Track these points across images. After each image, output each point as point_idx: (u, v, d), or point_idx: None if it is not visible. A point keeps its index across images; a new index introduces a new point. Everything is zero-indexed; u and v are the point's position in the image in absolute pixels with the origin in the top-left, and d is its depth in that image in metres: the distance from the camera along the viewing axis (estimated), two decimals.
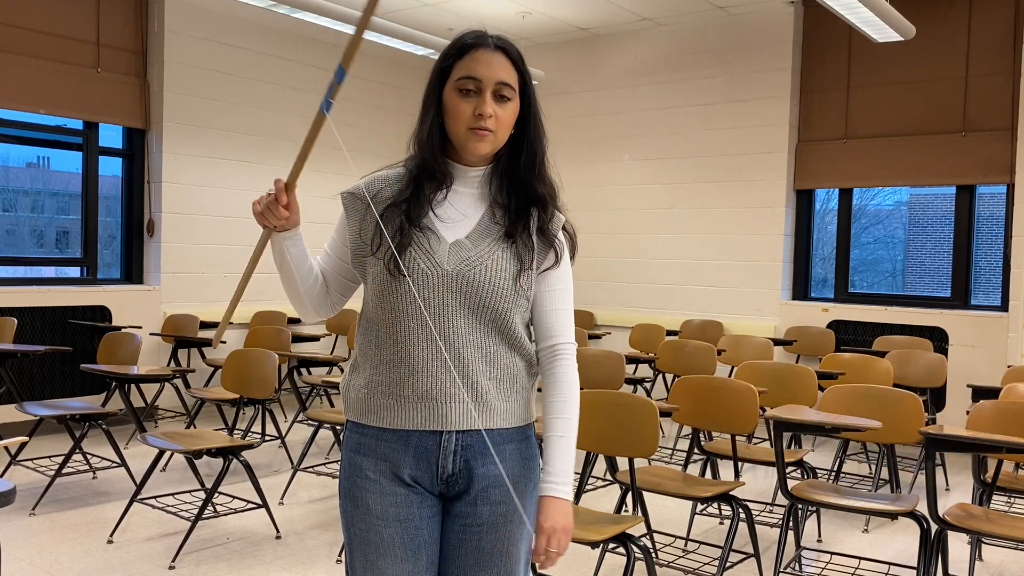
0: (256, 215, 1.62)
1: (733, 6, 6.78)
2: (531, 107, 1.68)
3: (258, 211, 1.61)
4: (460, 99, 1.61)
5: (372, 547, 1.64)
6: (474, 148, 1.63)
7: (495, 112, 1.61)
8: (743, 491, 4.75)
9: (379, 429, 1.65)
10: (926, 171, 6.35)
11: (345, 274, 1.76)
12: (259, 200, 1.61)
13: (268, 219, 1.61)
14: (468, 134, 1.62)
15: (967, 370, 5.96)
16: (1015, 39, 5.96)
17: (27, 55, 5.70)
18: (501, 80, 1.61)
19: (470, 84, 1.60)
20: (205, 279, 6.62)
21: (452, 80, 1.62)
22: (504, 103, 1.63)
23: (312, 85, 7.22)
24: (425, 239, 1.63)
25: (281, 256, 1.69)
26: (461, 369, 1.61)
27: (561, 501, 1.62)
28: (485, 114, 1.60)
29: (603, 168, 7.70)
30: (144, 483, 3.92)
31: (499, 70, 1.61)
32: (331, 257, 1.75)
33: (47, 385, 5.87)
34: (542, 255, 1.67)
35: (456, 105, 1.61)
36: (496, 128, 1.62)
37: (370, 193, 1.69)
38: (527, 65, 1.68)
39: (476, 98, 1.61)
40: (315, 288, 1.74)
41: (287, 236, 1.66)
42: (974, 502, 3.58)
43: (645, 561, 2.77)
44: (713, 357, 5.34)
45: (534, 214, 1.68)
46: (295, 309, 1.79)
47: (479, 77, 1.60)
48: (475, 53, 1.62)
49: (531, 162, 1.69)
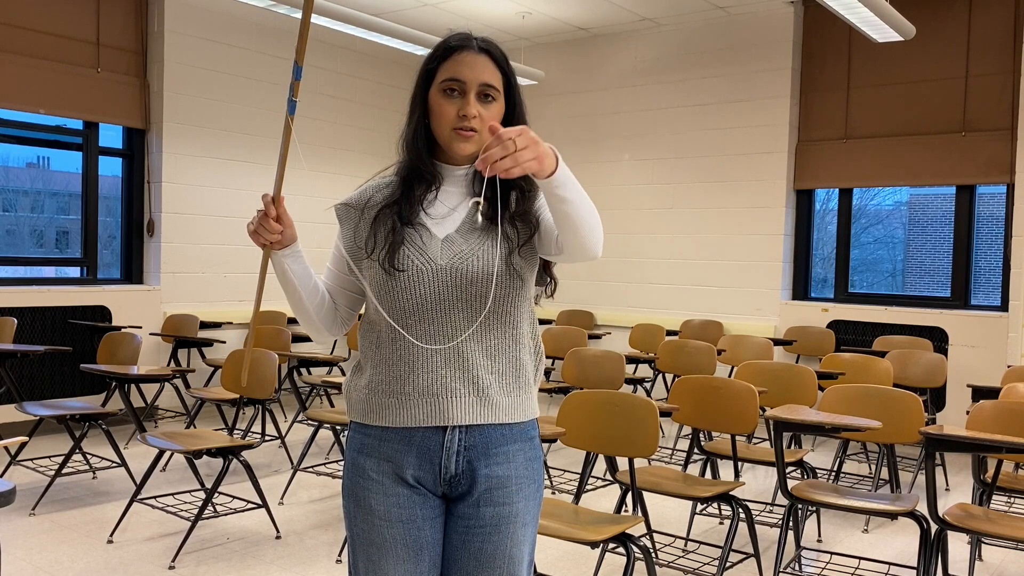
0: (251, 235, 1.62)
1: (733, 6, 6.78)
2: (516, 107, 1.69)
3: (252, 230, 1.62)
4: (444, 100, 1.63)
5: (375, 548, 1.65)
6: (459, 148, 1.65)
7: (479, 112, 1.63)
8: (743, 491, 4.76)
9: (382, 429, 1.66)
10: (926, 171, 6.35)
11: (350, 287, 1.77)
12: (252, 220, 1.62)
13: (263, 236, 1.61)
14: (452, 134, 1.64)
15: (967, 370, 5.96)
16: (1015, 39, 5.96)
17: (27, 55, 5.70)
18: (485, 81, 1.63)
19: (454, 85, 1.63)
20: (205, 279, 6.62)
21: (437, 82, 1.65)
22: (488, 103, 1.65)
23: (312, 85, 7.22)
24: (418, 236, 1.65)
25: (283, 274, 1.68)
26: (461, 363, 1.62)
27: (552, 152, 1.44)
28: (469, 115, 1.62)
29: (603, 168, 7.70)
30: (144, 483, 3.92)
31: (483, 72, 1.63)
32: (334, 272, 1.77)
33: (47, 385, 5.87)
34: (523, 233, 1.66)
35: (440, 106, 1.64)
36: (480, 128, 1.64)
37: (363, 201, 1.73)
38: (512, 65, 1.70)
39: (460, 99, 1.63)
40: (323, 306, 1.74)
41: (286, 253, 1.67)
42: (974, 502, 3.58)
43: (645, 561, 2.77)
44: (713, 357, 5.34)
45: (513, 196, 1.69)
46: (307, 330, 1.79)
47: (463, 79, 1.62)
48: (459, 55, 1.64)
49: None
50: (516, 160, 1.37)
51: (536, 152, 1.39)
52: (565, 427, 3.28)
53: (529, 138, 1.38)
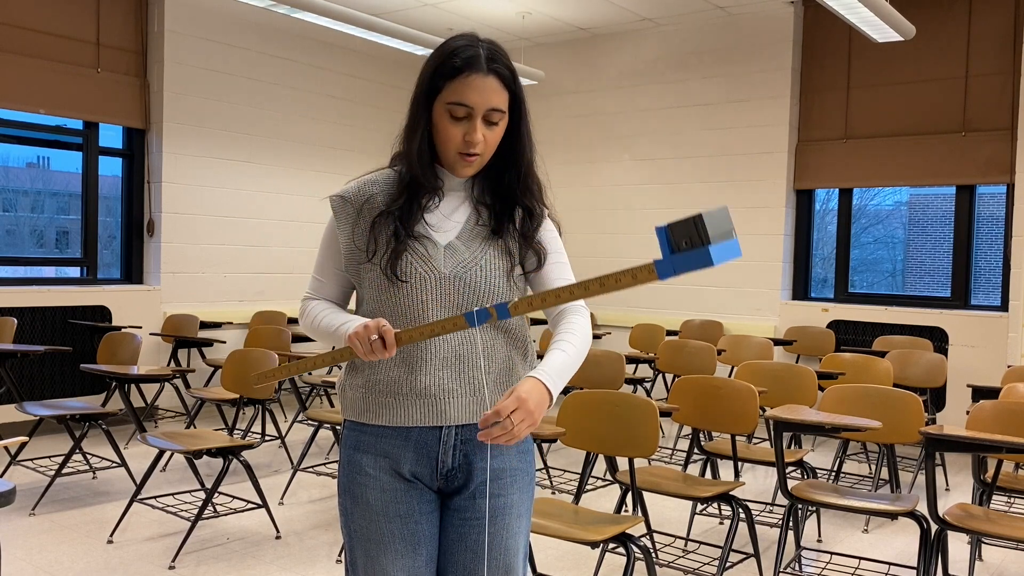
0: (354, 346, 1.54)
1: (733, 6, 6.78)
2: (520, 124, 1.68)
3: (359, 350, 1.53)
4: (450, 124, 1.61)
5: (373, 543, 1.66)
6: (461, 172, 1.67)
7: (485, 136, 1.62)
8: (743, 491, 4.75)
9: (379, 427, 1.67)
10: (926, 171, 6.35)
11: (347, 286, 1.77)
12: (362, 338, 1.52)
13: (367, 356, 1.54)
14: (457, 158, 1.64)
15: (967, 370, 5.96)
16: (1015, 39, 5.96)
17: (27, 55, 5.70)
18: (492, 107, 1.61)
19: (461, 111, 1.60)
20: (205, 279, 6.62)
21: (443, 100, 1.61)
22: (493, 127, 1.64)
23: (312, 85, 7.22)
24: (421, 245, 1.65)
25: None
26: (459, 366, 1.64)
27: (543, 386, 1.52)
28: (475, 141, 1.61)
29: (603, 168, 7.70)
30: (144, 483, 3.92)
31: (491, 97, 1.61)
32: (329, 269, 1.74)
33: (47, 385, 5.87)
34: (527, 254, 1.70)
35: (447, 129, 1.62)
36: (484, 151, 1.64)
37: (361, 198, 1.70)
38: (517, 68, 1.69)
39: (467, 124, 1.61)
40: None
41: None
42: (974, 502, 3.58)
43: (645, 561, 2.78)
44: (713, 357, 5.34)
45: (519, 213, 1.70)
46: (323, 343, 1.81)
47: (471, 104, 1.60)
48: (468, 78, 1.59)
49: (516, 176, 1.70)
50: (513, 435, 1.46)
51: (532, 420, 1.48)
52: (565, 427, 3.28)
53: (526, 411, 1.46)
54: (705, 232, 1.18)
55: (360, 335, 1.52)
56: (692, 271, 1.20)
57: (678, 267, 1.20)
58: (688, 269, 1.20)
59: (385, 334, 1.51)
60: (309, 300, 1.76)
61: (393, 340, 1.52)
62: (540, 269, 1.71)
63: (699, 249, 1.18)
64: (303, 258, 7.19)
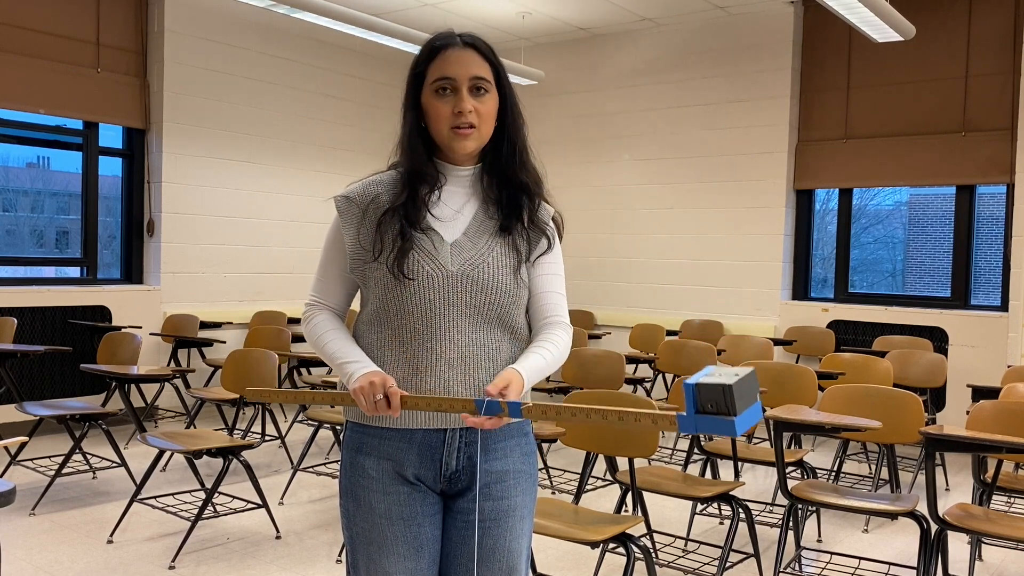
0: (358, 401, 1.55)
1: (733, 6, 6.78)
2: (508, 98, 1.69)
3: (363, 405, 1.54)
4: (438, 101, 1.63)
5: (375, 546, 1.65)
6: (460, 147, 1.65)
7: (475, 107, 1.63)
8: (743, 491, 4.75)
9: (382, 428, 1.66)
10: (926, 171, 6.35)
11: (351, 287, 1.76)
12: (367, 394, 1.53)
13: (370, 413, 1.56)
14: (451, 134, 1.64)
15: (967, 370, 5.96)
16: (1015, 39, 5.96)
17: (27, 55, 5.70)
18: (475, 75, 1.63)
19: (445, 84, 1.63)
20: (205, 279, 6.62)
21: (428, 83, 1.65)
22: (482, 96, 1.64)
23: (312, 85, 7.22)
24: (428, 241, 1.64)
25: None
26: (464, 367, 1.62)
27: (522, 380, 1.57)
28: (464, 110, 1.62)
29: (603, 168, 7.70)
30: (144, 483, 3.92)
31: (471, 65, 1.63)
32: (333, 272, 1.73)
33: (47, 385, 5.87)
34: (535, 243, 1.70)
35: (435, 107, 1.63)
36: (479, 123, 1.64)
37: (366, 198, 1.69)
38: (500, 58, 1.70)
39: (453, 96, 1.63)
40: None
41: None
42: (974, 502, 3.58)
43: (645, 561, 2.78)
44: (713, 357, 5.34)
45: (525, 204, 1.70)
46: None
47: (453, 75, 1.62)
48: (445, 53, 1.64)
49: (512, 151, 1.70)
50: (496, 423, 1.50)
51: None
52: (565, 427, 3.28)
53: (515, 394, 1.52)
54: (732, 403, 1.17)
55: (365, 391, 1.53)
56: (713, 435, 1.22)
57: (700, 427, 1.21)
58: (709, 432, 1.21)
59: (392, 396, 1.52)
60: (313, 310, 1.74)
61: (399, 403, 1.52)
62: (551, 251, 1.71)
63: (724, 418, 1.18)
64: (303, 258, 7.19)
